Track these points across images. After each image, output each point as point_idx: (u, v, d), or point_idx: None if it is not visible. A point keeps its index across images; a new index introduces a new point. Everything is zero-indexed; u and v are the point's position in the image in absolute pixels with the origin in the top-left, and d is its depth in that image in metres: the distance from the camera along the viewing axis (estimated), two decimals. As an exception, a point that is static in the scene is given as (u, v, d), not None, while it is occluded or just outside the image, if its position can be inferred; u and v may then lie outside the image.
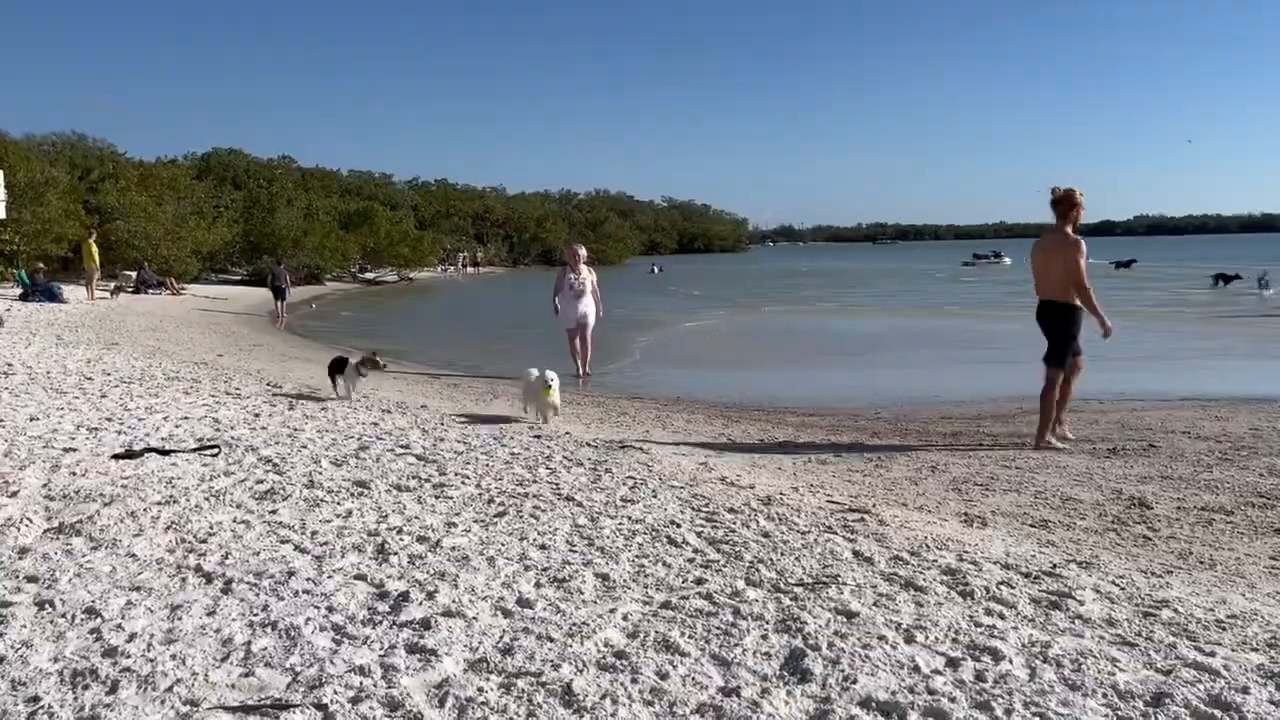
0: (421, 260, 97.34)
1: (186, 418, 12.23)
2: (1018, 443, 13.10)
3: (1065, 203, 12.32)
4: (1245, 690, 4.58)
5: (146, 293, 49.08)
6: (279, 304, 43.45)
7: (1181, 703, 4.45)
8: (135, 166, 70.22)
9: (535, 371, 13.16)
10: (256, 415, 12.71)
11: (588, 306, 22.30)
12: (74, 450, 9.85)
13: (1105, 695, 4.58)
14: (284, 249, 66.10)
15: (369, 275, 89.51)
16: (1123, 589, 6.28)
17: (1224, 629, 5.47)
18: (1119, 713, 4.40)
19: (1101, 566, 6.98)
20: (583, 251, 23.10)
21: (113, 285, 47.55)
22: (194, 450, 9.95)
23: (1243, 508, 9.18)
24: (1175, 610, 5.80)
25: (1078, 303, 12.33)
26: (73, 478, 8.33)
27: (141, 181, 64.56)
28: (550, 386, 12.77)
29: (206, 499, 7.88)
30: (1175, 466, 11.24)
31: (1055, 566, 6.81)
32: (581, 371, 22.13)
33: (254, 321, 42.36)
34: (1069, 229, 12.37)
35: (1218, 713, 4.35)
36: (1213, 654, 5.05)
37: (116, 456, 9.40)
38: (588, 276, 22.47)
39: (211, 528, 7.09)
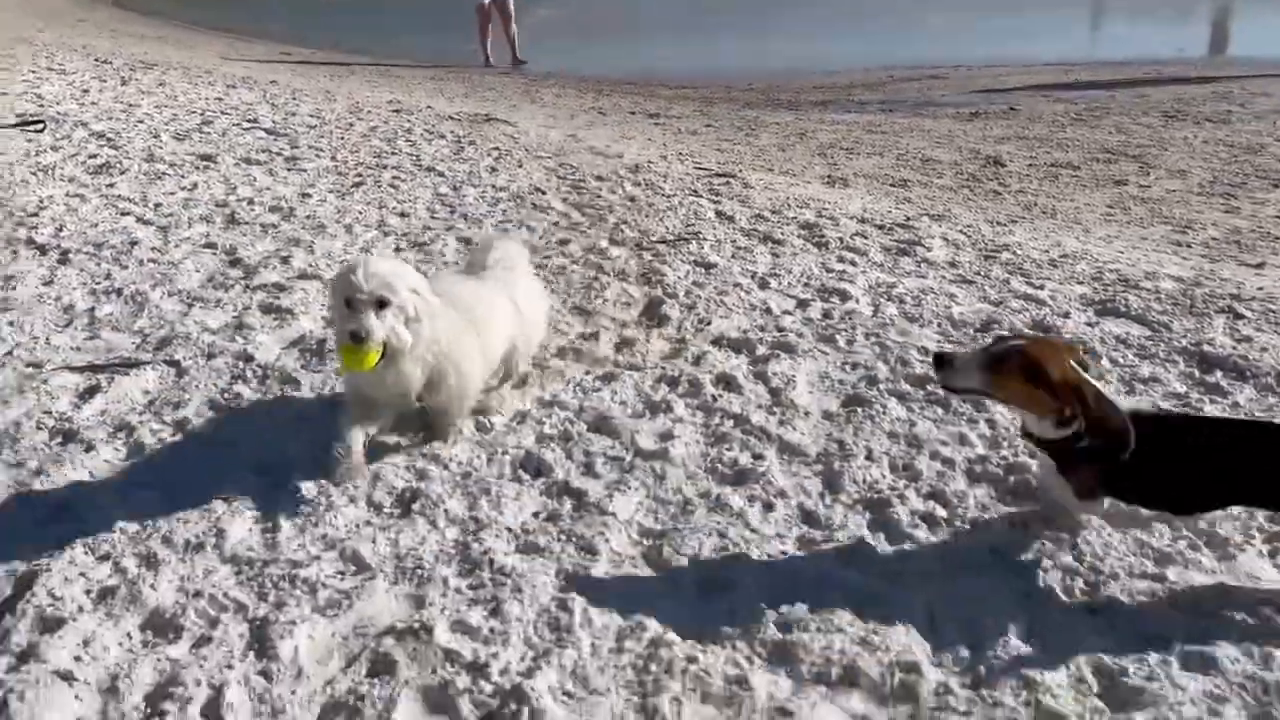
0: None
1: (4, 94, 11.15)
2: (885, 109, 13.16)
3: None
4: (1066, 315, 4.93)
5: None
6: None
7: (1007, 328, 4.78)
8: None
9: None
10: (85, 91, 11.67)
11: None
12: (-124, 129, 8.94)
13: (940, 325, 4.87)
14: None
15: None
16: (969, 236, 6.55)
17: (1055, 267, 5.81)
18: (950, 338, 4.70)
19: (952, 218, 7.23)
20: None
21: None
22: (14, 125, 9.15)
23: (1089, 163, 9.55)
24: (1014, 253, 6.11)
25: None
26: (-123, 155, 7.61)
27: None
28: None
29: (33, 174, 7.34)
30: (1032, 127, 11.52)
31: (909, 219, 7.03)
32: (512, 57, 18.54)
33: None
34: None
35: (1040, 335, 4.69)
36: (1041, 287, 5.39)
37: (-74, 133, 8.58)
38: None
39: (42, 202, 6.65)
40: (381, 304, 3.21)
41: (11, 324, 4.65)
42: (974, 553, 3.06)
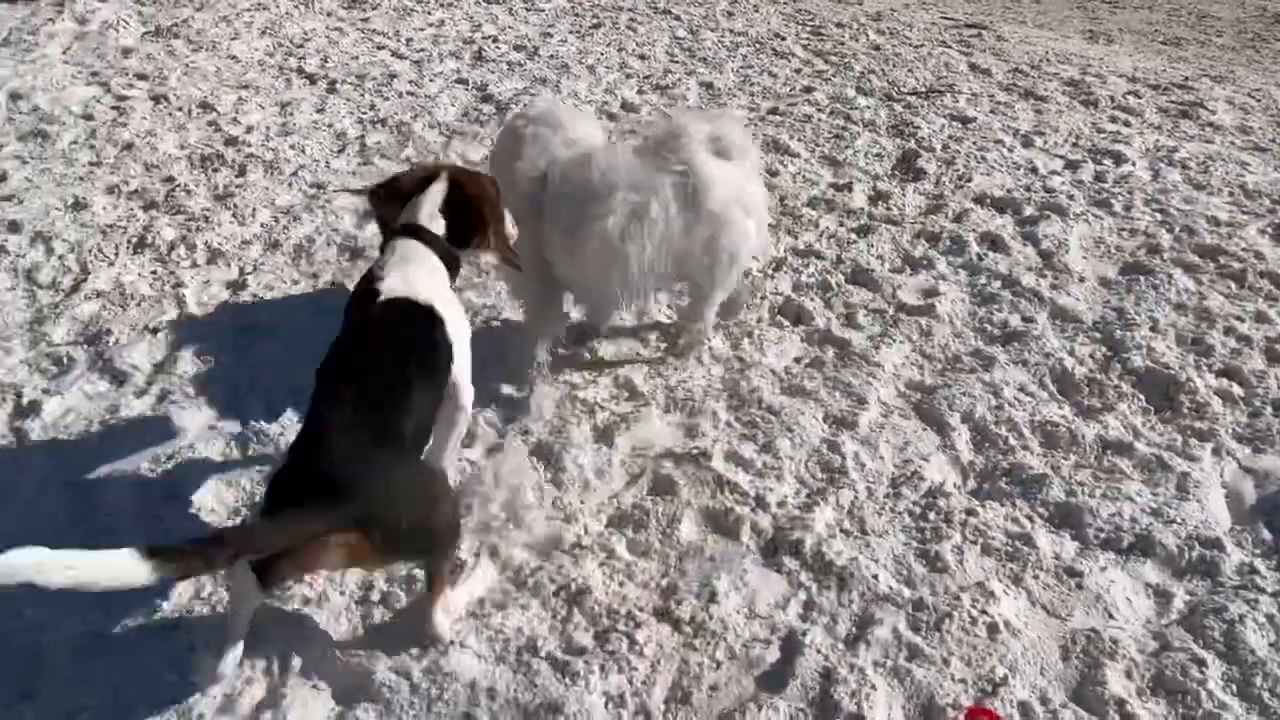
0: None
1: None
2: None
3: None
4: (1384, 191, 4.42)
5: None
6: None
7: (1306, 201, 4.33)
8: None
9: None
10: (330, -72, 11.98)
11: None
12: (152, -39, 9.49)
13: (1231, 194, 4.46)
14: None
15: None
16: (1258, 100, 5.92)
17: (1367, 138, 5.18)
18: (1244, 209, 4.30)
19: (1236, 80, 6.54)
20: None
21: None
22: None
23: (1404, 25, 8.37)
24: (1315, 120, 5.48)
25: None
26: (158, -15, 8.10)
27: None
28: None
29: (296, 7, 7.64)
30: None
31: (1187, 79, 6.40)
32: None
33: None
34: None
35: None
36: (1353, 158, 4.83)
37: (197, -35, 9.05)
38: None
39: (306, 34, 6.94)
40: None
41: (293, 147, 4.93)
42: (1277, 434, 2.85)
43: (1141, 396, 3.06)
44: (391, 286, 2.24)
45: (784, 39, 7.34)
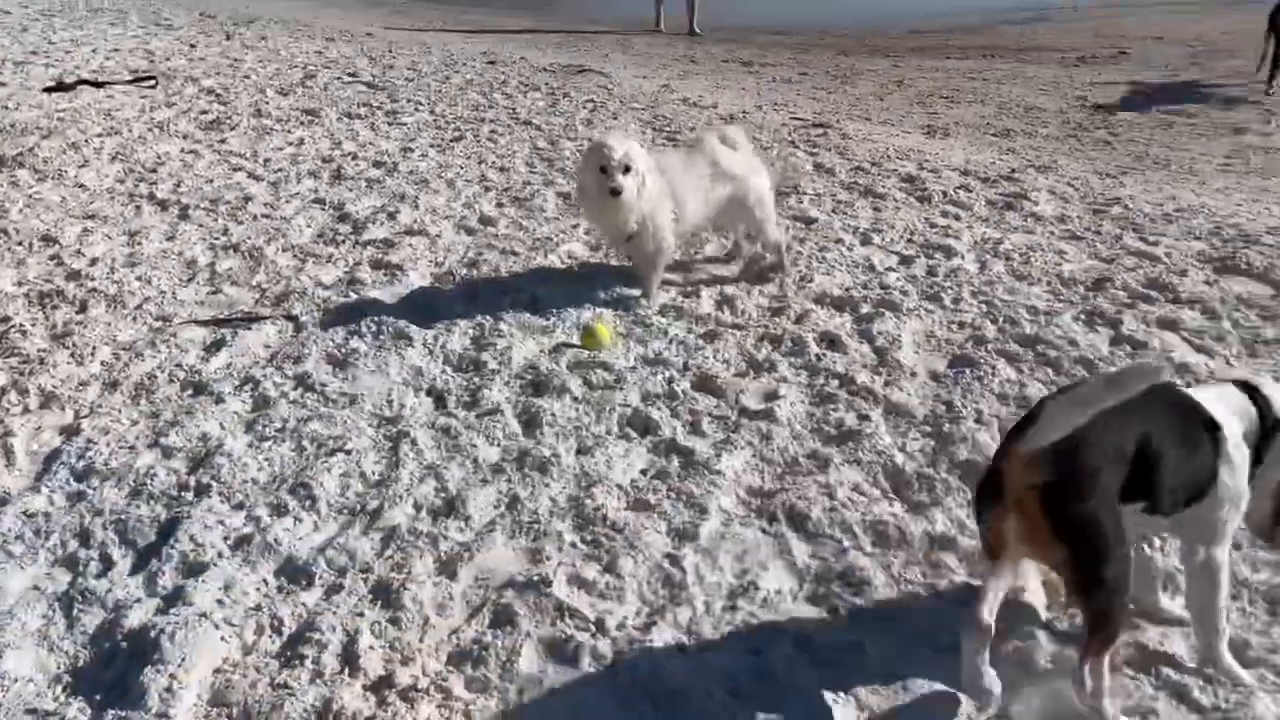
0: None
1: (117, 50, 11.52)
2: (985, 54, 12.76)
3: None
4: (1183, 273, 4.77)
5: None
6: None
7: (1120, 286, 4.65)
8: None
9: None
10: (192, 46, 11.99)
11: None
12: (2, 84, 9.33)
13: (1049, 283, 4.77)
14: None
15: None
16: (1077, 189, 6.37)
17: (1170, 221, 5.61)
18: (1060, 297, 4.60)
19: (1059, 170, 7.03)
20: None
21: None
22: (129, 82, 9.46)
23: (1205, 110, 9.15)
24: (1125, 207, 5.91)
25: None
26: (5, 112, 7.96)
27: None
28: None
29: (149, 130, 7.61)
30: (1142, 72, 11.06)
31: (1013, 171, 6.85)
32: (689, 28, 16.47)
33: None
34: None
35: (1154, 293, 4.56)
36: (1156, 243, 5.22)
37: (48, 90, 8.94)
38: None
39: (159, 158, 6.90)
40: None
41: (139, 278, 4.86)
42: (1088, 520, 3.02)
43: (966, 490, 3.21)
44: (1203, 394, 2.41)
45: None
